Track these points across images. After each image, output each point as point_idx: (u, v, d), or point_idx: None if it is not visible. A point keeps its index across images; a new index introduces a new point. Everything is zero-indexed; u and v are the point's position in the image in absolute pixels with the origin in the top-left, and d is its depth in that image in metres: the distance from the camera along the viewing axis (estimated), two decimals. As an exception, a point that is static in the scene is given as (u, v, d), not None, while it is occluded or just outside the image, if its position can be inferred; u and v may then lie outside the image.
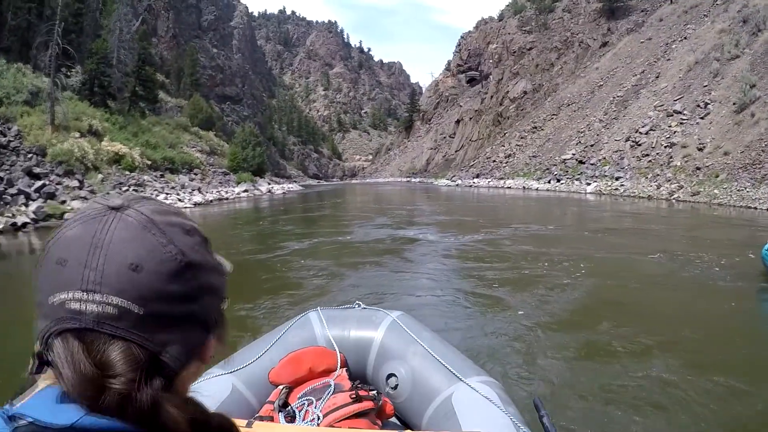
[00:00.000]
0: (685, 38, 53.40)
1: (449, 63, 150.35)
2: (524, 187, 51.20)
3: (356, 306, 3.62)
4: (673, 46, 54.19)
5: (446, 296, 9.34)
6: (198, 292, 0.73)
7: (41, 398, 0.64)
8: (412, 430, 2.79)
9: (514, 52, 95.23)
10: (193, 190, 37.60)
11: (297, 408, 2.58)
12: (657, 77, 50.62)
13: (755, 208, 23.86)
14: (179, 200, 31.92)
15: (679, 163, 34.06)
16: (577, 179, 44.45)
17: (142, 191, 31.04)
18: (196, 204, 33.07)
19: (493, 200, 39.85)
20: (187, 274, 0.71)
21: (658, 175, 34.93)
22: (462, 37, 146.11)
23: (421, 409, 2.83)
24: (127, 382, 0.63)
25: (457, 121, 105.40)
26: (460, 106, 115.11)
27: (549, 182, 48.34)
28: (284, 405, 2.63)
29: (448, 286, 10.27)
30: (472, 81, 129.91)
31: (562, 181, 46.50)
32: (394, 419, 3.01)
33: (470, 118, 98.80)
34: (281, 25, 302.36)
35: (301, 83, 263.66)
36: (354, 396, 2.56)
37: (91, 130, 34.49)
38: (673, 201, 29.93)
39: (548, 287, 9.59)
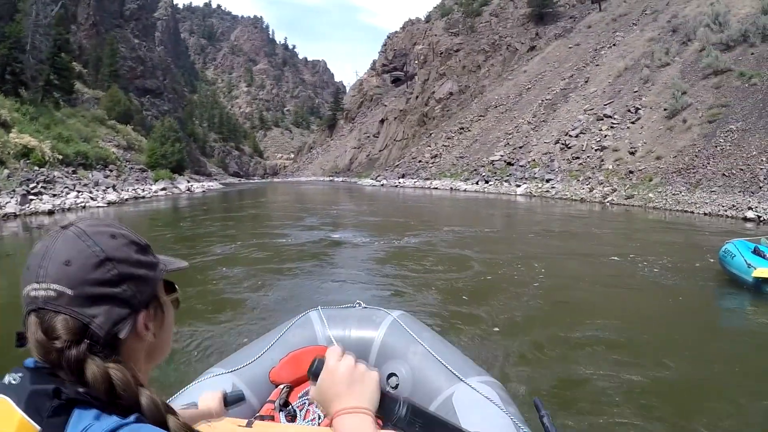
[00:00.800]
0: (614, 45, 53.86)
1: (374, 62, 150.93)
2: (452, 188, 50.57)
3: (357, 305, 3.64)
4: (602, 52, 54.62)
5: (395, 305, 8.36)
6: (118, 279, 0.95)
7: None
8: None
9: (441, 53, 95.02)
10: (107, 188, 35.38)
11: (298, 407, 2.63)
12: (586, 82, 50.77)
13: (692, 212, 23.46)
14: (91, 199, 29.91)
15: (610, 167, 33.79)
16: (506, 181, 43.92)
17: (51, 188, 29.07)
18: (109, 203, 31.06)
19: (421, 201, 39.11)
20: (107, 265, 0.94)
21: (589, 177, 34.58)
22: (388, 37, 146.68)
23: None
24: (63, 343, 0.87)
25: (382, 121, 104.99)
26: (385, 105, 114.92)
27: (477, 183, 47.74)
28: (285, 404, 2.70)
29: (393, 295, 9.51)
30: (396, 81, 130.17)
31: (490, 183, 45.93)
32: None
33: (395, 118, 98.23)
34: (206, 19, 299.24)
35: (224, 79, 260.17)
36: None
37: None
38: (607, 204, 29.51)
39: (510, 293, 9.36)
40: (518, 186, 40.97)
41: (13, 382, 0.87)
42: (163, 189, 45.93)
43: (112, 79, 73.58)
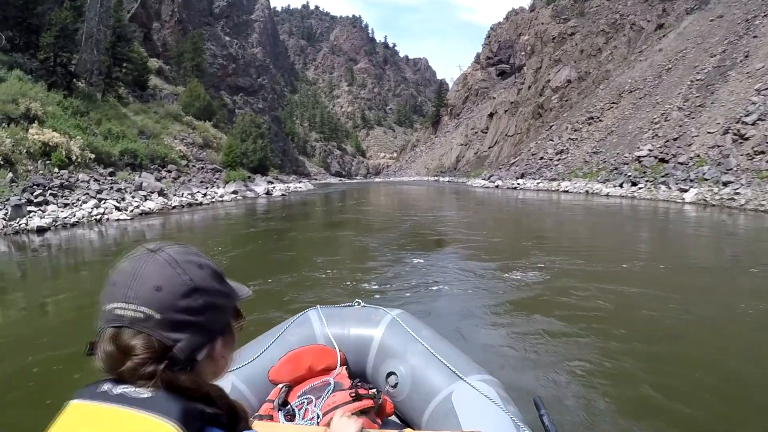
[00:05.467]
0: (771, 12, 45.99)
1: (478, 55, 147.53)
2: (587, 191, 41.54)
3: (356, 304, 3.64)
4: (757, 22, 46.81)
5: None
6: (203, 308, 1.02)
7: None
8: (412, 428, 2.81)
9: (554, 38, 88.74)
10: (151, 193, 28.39)
11: (296, 407, 2.61)
12: (746, 57, 42.30)
13: None
14: (117, 208, 22.95)
15: (820, 164, 24.51)
16: (662, 183, 34.18)
17: (66, 196, 22.30)
18: (143, 213, 24.20)
19: (551, 210, 30.84)
20: (195, 294, 1.01)
21: (791, 179, 25.19)
22: (491, 29, 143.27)
23: (421, 407, 2.83)
24: (141, 361, 0.94)
25: (490, 115, 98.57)
26: (493, 98, 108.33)
27: (621, 186, 38.29)
28: (284, 404, 2.68)
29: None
30: (502, 74, 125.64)
31: (640, 185, 36.27)
32: (393, 417, 3.01)
33: (505, 111, 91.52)
34: (304, 20, 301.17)
35: (324, 78, 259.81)
36: (354, 394, 2.57)
37: (28, 116, 26.34)
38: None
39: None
40: (684, 191, 31.03)
41: (144, 395, 0.93)
42: (234, 192, 39.26)
43: (196, 74, 68.05)
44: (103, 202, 22.99)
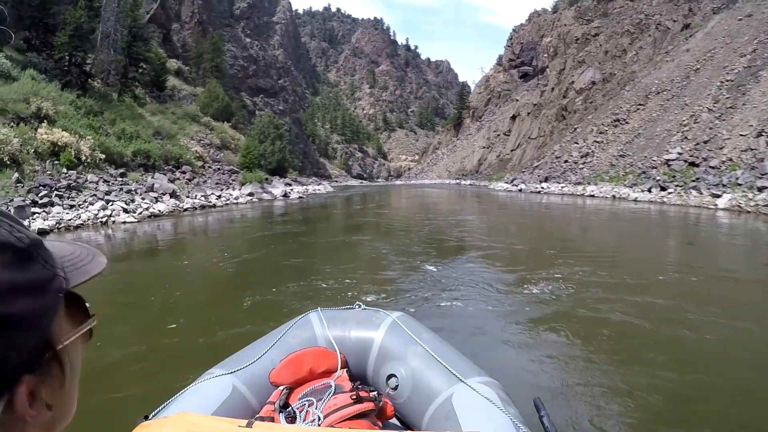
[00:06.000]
0: (801, 10, 44.72)
1: (500, 57, 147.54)
2: (614, 196, 40.24)
3: (356, 306, 3.65)
4: None
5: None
6: None
7: None
8: (413, 430, 2.85)
9: (577, 39, 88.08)
10: (163, 195, 27.85)
11: (297, 409, 2.61)
12: None
13: None
14: (124, 210, 22.30)
15: None
16: (693, 187, 33.03)
17: (73, 197, 21.63)
18: (152, 215, 23.48)
19: (576, 215, 29.61)
20: None
21: (831, 184, 23.99)
22: (514, 30, 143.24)
23: (422, 409, 2.83)
24: None
25: (513, 117, 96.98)
26: (516, 100, 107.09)
27: (650, 190, 36.88)
28: (285, 406, 2.67)
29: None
30: (525, 76, 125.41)
31: (670, 190, 34.99)
32: (394, 420, 3.02)
33: (528, 113, 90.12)
34: (326, 22, 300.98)
35: (346, 81, 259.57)
36: (354, 397, 2.57)
37: (38, 115, 25.88)
38: None
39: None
40: (716, 196, 29.92)
41: None
42: (250, 194, 38.52)
43: (215, 75, 67.88)
44: (110, 203, 22.33)
